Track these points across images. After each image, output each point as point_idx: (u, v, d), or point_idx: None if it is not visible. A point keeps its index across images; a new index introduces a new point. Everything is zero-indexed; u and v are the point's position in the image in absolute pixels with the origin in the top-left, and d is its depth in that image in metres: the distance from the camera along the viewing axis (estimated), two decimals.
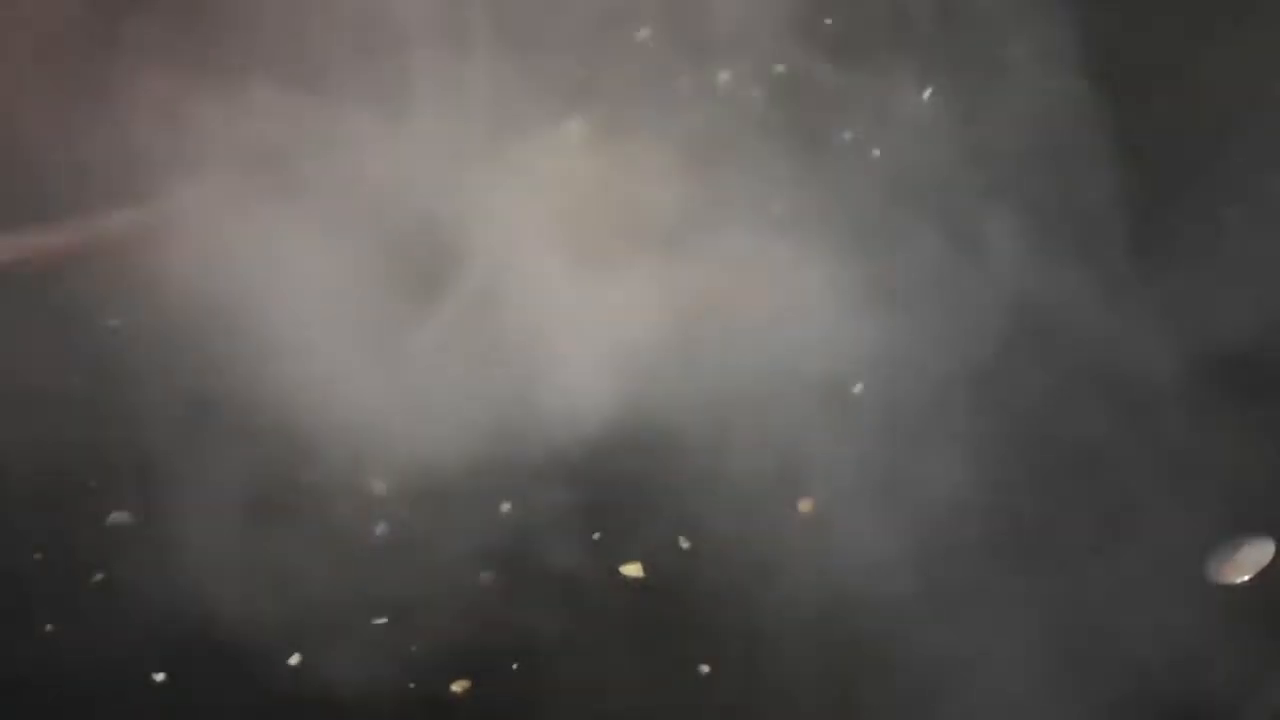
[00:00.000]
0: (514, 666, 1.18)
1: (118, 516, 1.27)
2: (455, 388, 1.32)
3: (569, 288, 1.34)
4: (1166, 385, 1.24)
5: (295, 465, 1.28)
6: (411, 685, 1.17)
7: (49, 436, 1.29)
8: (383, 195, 1.40)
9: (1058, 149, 1.38)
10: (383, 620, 1.20)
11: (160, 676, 1.17)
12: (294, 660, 1.18)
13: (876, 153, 1.47)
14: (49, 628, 1.20)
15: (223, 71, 1.40)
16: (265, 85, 1.39)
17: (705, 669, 1.17)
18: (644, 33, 1.50)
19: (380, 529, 1.27)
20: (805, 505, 1.27)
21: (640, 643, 1.20)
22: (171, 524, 1.25)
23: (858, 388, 1.33)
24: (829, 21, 1.54)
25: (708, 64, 1.49)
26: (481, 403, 1.31)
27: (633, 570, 1.24)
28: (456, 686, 1.17)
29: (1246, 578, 1.14)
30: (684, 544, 1.25)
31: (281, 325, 1.31)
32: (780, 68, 1.51)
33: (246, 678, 1.17)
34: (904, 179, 1.43)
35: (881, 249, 1.38)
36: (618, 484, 1.28)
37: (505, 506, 1.28)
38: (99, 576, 1.23)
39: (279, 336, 1.31)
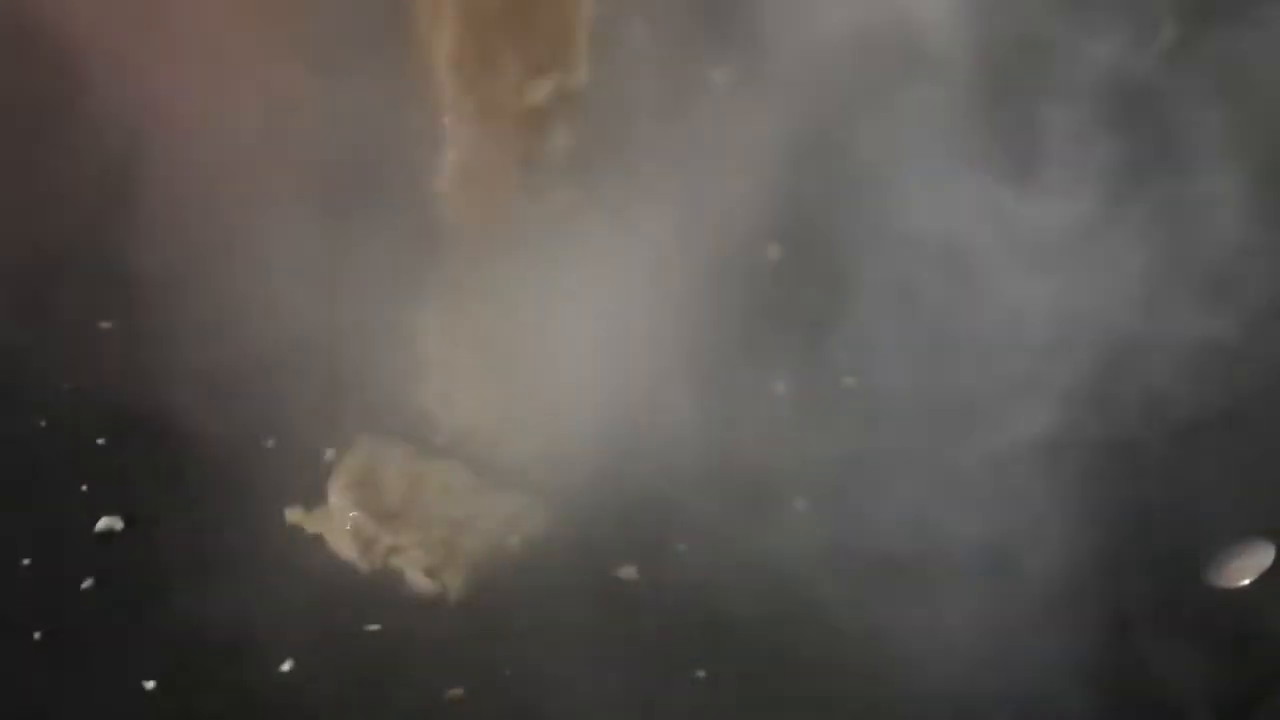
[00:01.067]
0: (507, 673, 1.17)
1: (107, 522, 1.26)
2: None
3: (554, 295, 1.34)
4: (1167, 391, 1.23)
5: (288, 470, 1.28)
6: (405, 692, 1.16)
7: (38, 441, 1.29)
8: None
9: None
10: (375, 627, 1.20)
11: (151, 684, 1.16)
12: (286, 667, 1.17)
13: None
14: (38, 635, 1.19)
15: None
16: None
17: (701, 674, 1.17)
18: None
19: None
20: (801, 504, 1.26)
21: (635, 647, 1.19)
22: (162, 530, 1.25)
23: (849, 383, 1.33)
24: None
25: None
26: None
27: (628, 573, 1.24)
28: (451, 694, 1.16)
29: (1247, 582, 1.14)
30: (680, 547, 1.25)
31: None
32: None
33: (238, 685, 1.17)
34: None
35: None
36: (614, 488, 1.27)
37: None
38: (88, 583, 1.22)
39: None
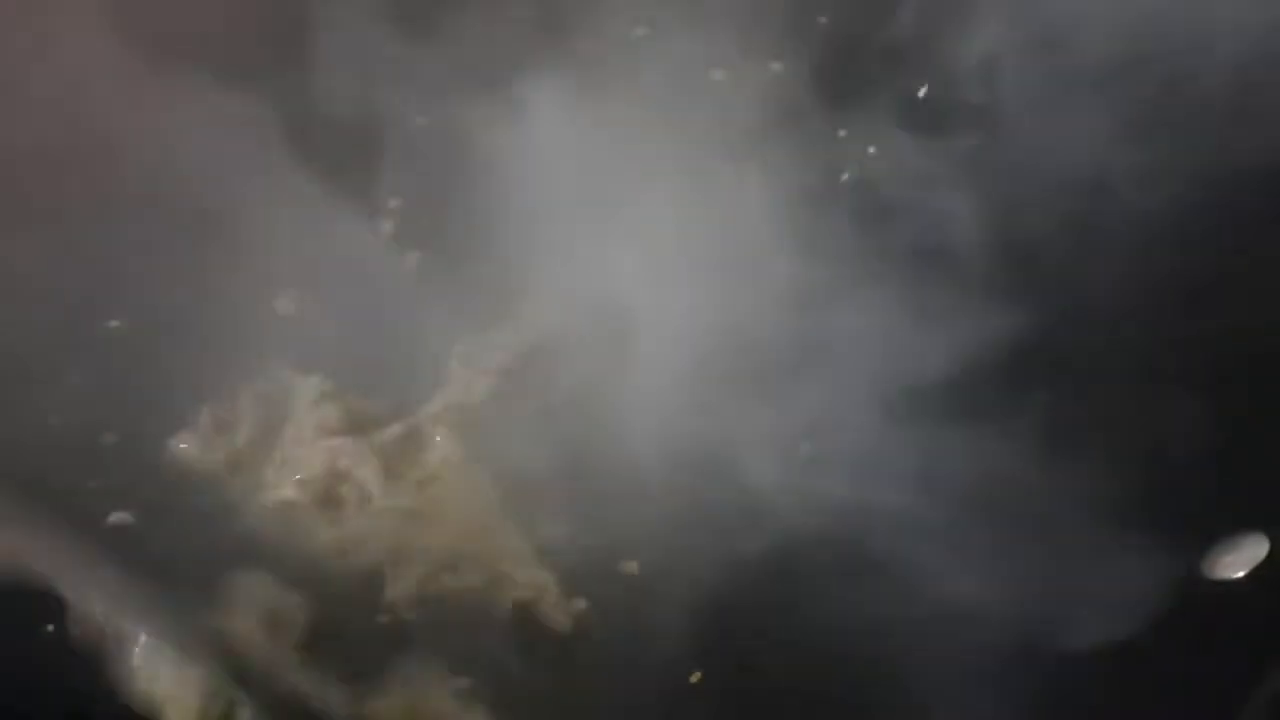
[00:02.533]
0: (512, 671, 1.18)
1: (118, 517, 1.26)
2: None
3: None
4: (1165, 383, 1.24)
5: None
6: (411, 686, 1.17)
7: (50, 436, 1.30)
8: None
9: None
10: (383, 619, 1.21)
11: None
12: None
13: (872, 149, 1.47)
14: (50, 628, 1.19)
15: None
16: None
17: (697, 676, 1.18)
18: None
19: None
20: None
21: (638, 643, 1.20)
22: (172, 524, 1.26)
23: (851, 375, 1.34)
24: (823, 20, 1.55)
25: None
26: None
27: (630, 567, 1.25)
28: (456, 684, 1.17)
29: (1242, 573, 1.14)
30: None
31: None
32: (776, 66, 1.52)
33: (246, 675, 1.17)
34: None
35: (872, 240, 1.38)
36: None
37: None
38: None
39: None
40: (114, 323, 1.36)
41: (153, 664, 1.12)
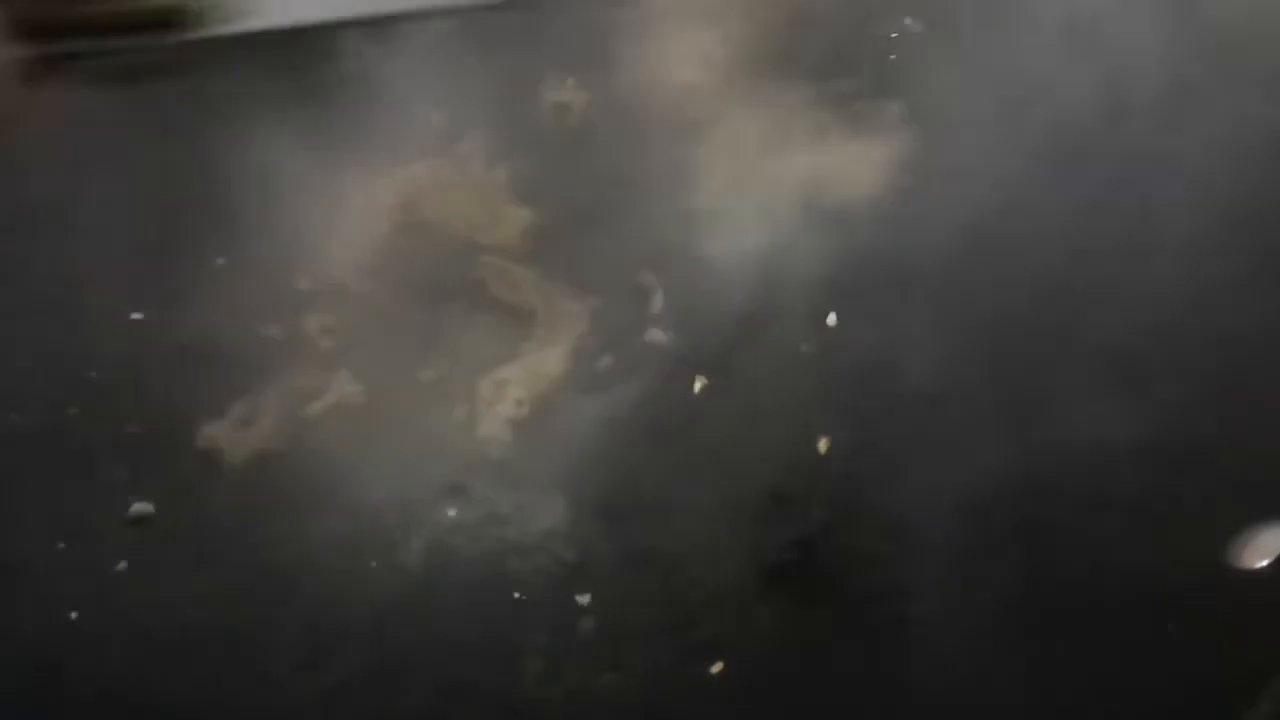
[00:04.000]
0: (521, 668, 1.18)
1: (140, 507, 1.28)
2: None
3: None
4: (1189, 374, 1.23)
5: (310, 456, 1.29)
6: (421, 676, 1.17)
7: (72, 426, 1.32)
8: None
9: None
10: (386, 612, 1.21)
11: (184, 664, 1.18)
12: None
13: None
14: (73, 615, 1.21)
15: None
16: None
17: (718, 666, 1.17)
18: None
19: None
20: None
21: (652, 636, 1.20)
22: (194, 514, 1.27)
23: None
24: None
25: None
26: None
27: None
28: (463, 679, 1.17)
29: (1265, 562, 1.13)
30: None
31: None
32: None
33: (265, 664, 1.18)
34: None
35: None
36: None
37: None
38: (122, 566, 1.25)
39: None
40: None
41: None
